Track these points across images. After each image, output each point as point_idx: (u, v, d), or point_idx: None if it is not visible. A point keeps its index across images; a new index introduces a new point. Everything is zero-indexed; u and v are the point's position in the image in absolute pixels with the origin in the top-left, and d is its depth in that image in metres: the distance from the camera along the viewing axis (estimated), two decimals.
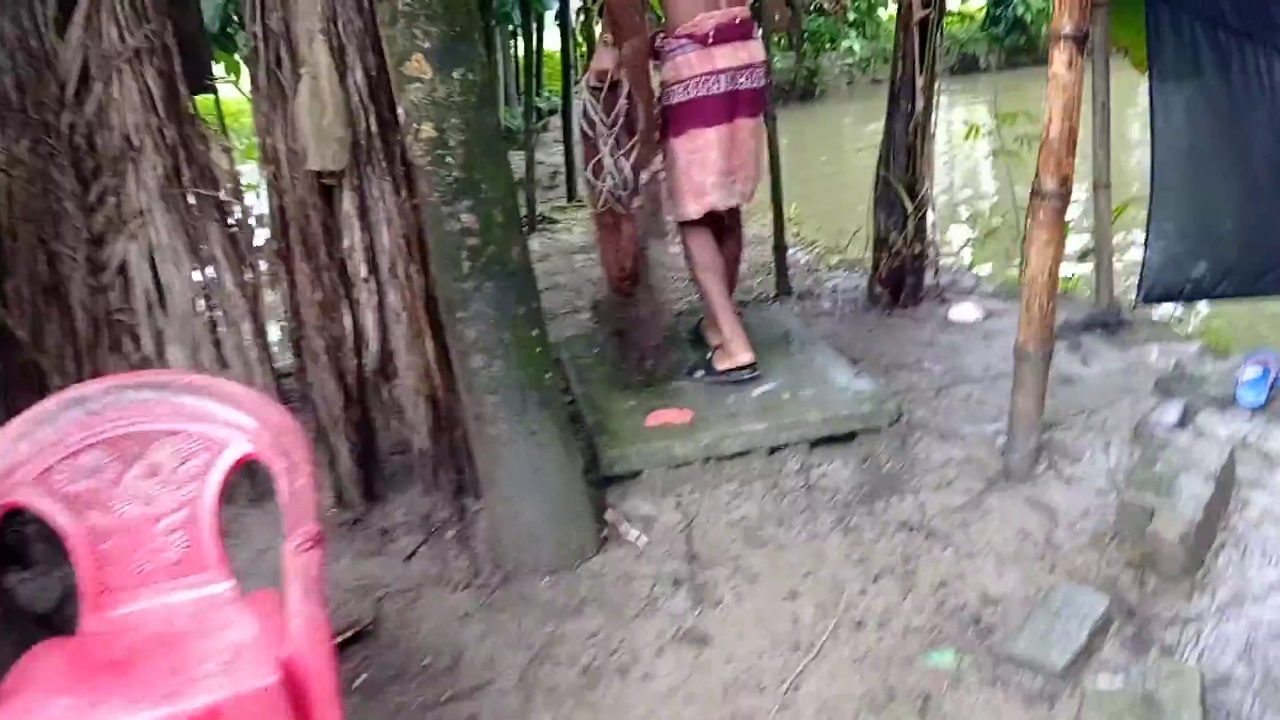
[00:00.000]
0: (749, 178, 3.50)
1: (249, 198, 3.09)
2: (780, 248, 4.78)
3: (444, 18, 2.41)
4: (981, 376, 3.65)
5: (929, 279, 4.46)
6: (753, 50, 3.36)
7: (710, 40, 3.26)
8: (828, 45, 18.03)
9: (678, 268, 3.95)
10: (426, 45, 2.40)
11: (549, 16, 8.87)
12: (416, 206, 2.74)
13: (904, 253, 4.30)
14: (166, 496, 1.95)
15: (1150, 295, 3.75)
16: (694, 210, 3.40)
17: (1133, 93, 6.55)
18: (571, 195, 8.23)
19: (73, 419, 1.91)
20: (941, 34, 4.06)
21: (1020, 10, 17.83)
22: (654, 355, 3.52)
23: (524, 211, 6.60)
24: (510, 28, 9.98)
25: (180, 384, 2.00)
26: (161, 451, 1.95)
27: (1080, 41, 2.68)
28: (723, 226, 3.59)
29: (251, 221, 2.99)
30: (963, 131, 5.33)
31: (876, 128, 4.15)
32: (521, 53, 9.06)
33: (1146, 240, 3.62)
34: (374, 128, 2.76)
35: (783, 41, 18.80)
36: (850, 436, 3.18)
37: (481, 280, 2.57)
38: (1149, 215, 3.61)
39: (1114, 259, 3.96)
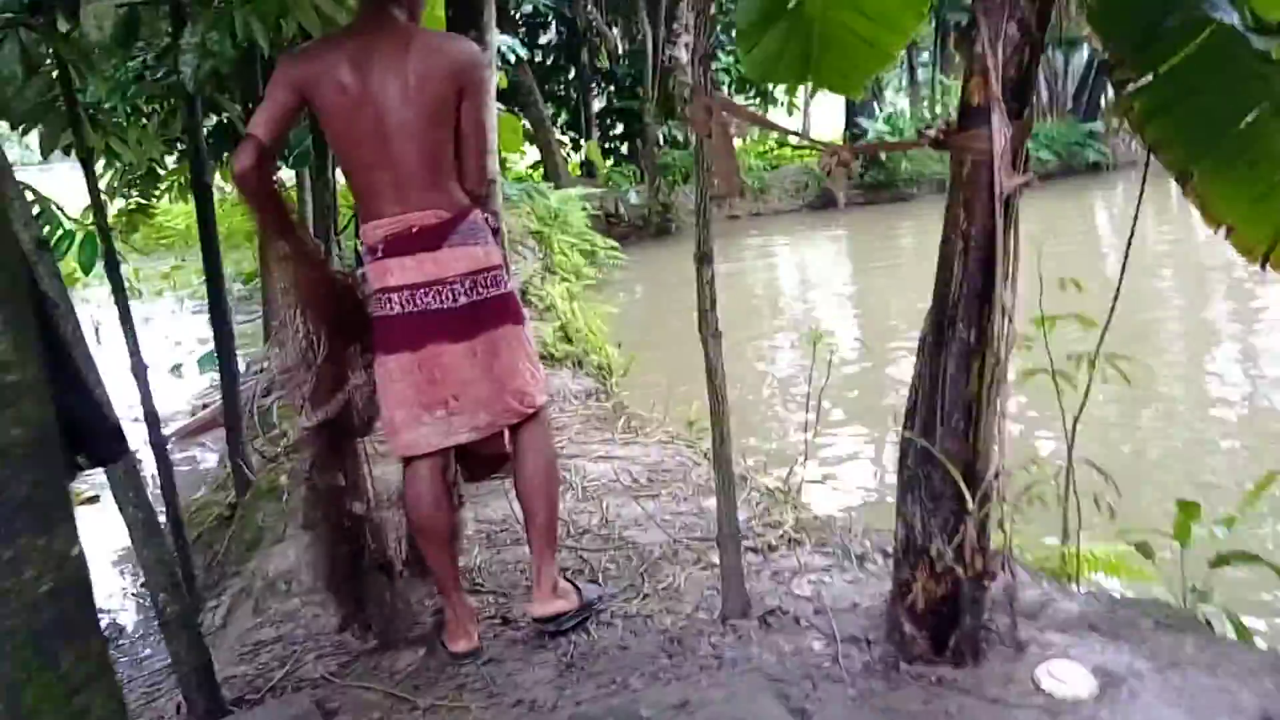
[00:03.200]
0: (476, 412, 2.82)
1: None
2: (731, 539, 2.92)
3: None
4: None
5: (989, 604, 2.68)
6: (445, 262, 2.73)
7: (381, 253, 2.76)
8: (681, 181, 16.94)
9: None
10: None
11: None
12: None
13: (956, 572, 2.53)
14: None
15: None
16: (397, 447, 2.87)
17: None
18: None
19: None
20: (1017, 223, 2.39)
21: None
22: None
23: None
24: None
25: None
26: None
27: None
28: (507, 450, 2.97)
29: None
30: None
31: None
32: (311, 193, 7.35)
33: None
34: None
35: (635, 175, 17.71)
36: None
37: None
38: None
39: None
